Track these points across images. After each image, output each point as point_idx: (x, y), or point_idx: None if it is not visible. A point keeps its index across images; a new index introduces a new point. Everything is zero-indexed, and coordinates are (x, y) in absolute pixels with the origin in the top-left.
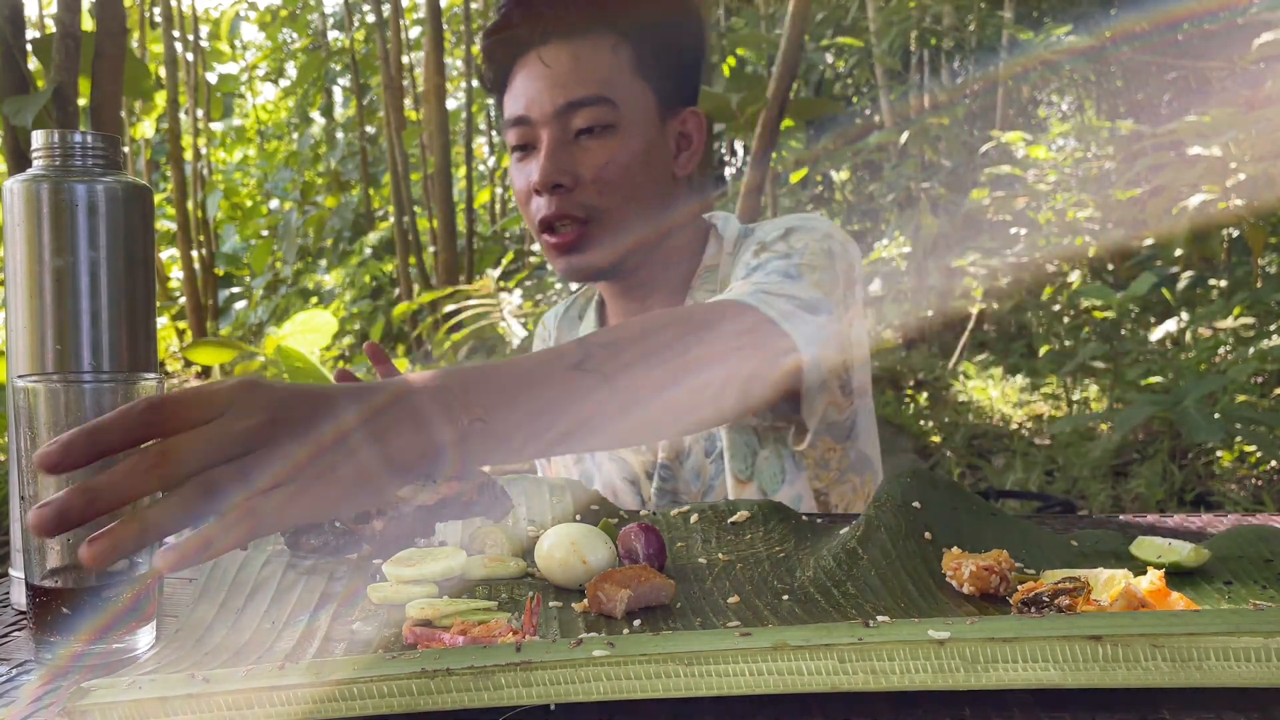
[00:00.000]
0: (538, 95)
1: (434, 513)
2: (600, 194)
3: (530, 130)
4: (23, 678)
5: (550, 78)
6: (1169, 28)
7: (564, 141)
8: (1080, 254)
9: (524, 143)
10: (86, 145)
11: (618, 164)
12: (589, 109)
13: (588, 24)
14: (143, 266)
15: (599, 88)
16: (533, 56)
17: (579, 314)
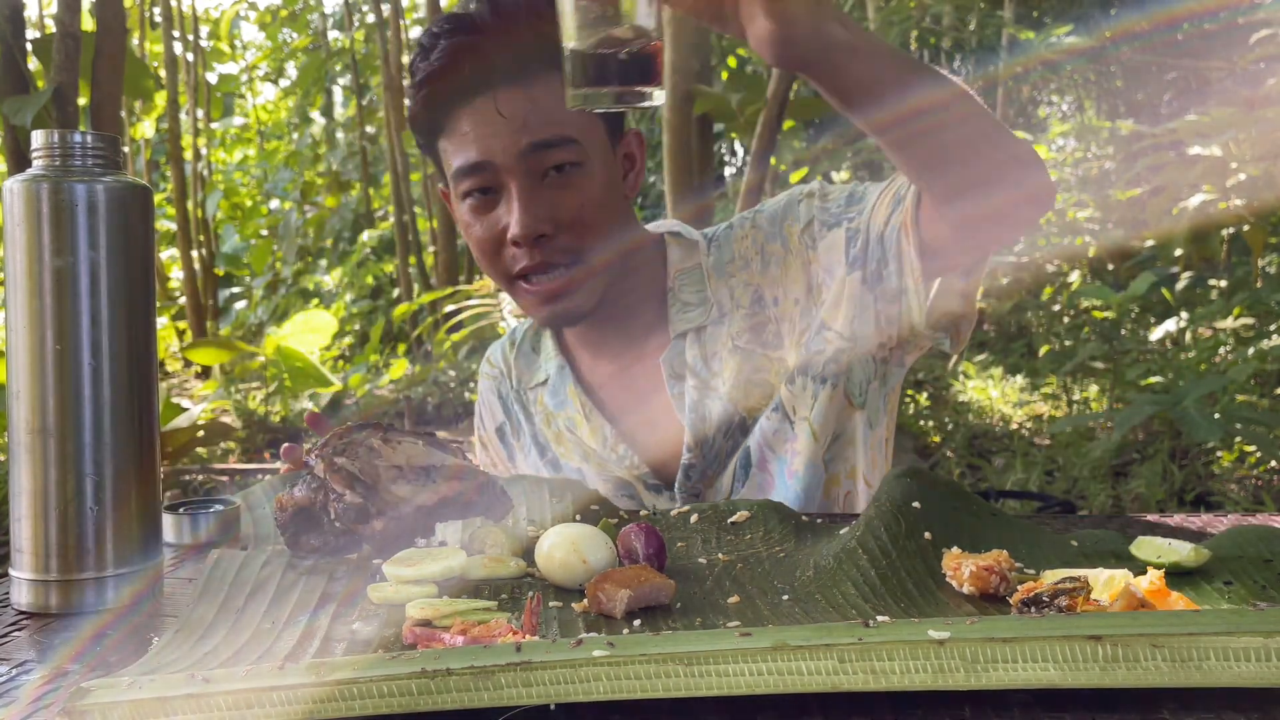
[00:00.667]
0: (496, 140)
1: (434, 513)
2: (580, 236)
3: (489, 176)
4: (23, 678)
5: (509, 123)
6: (1169, 28)
7: (534, 187)
8: (1080, 254)
9: (481, 187)
10: (86, 145)
11: (592, 202)
12: (556, 149)
13: (535, 65)
14: (143, 266)
15: (562, 127)
16: (480, 102)
17: (532, 346)
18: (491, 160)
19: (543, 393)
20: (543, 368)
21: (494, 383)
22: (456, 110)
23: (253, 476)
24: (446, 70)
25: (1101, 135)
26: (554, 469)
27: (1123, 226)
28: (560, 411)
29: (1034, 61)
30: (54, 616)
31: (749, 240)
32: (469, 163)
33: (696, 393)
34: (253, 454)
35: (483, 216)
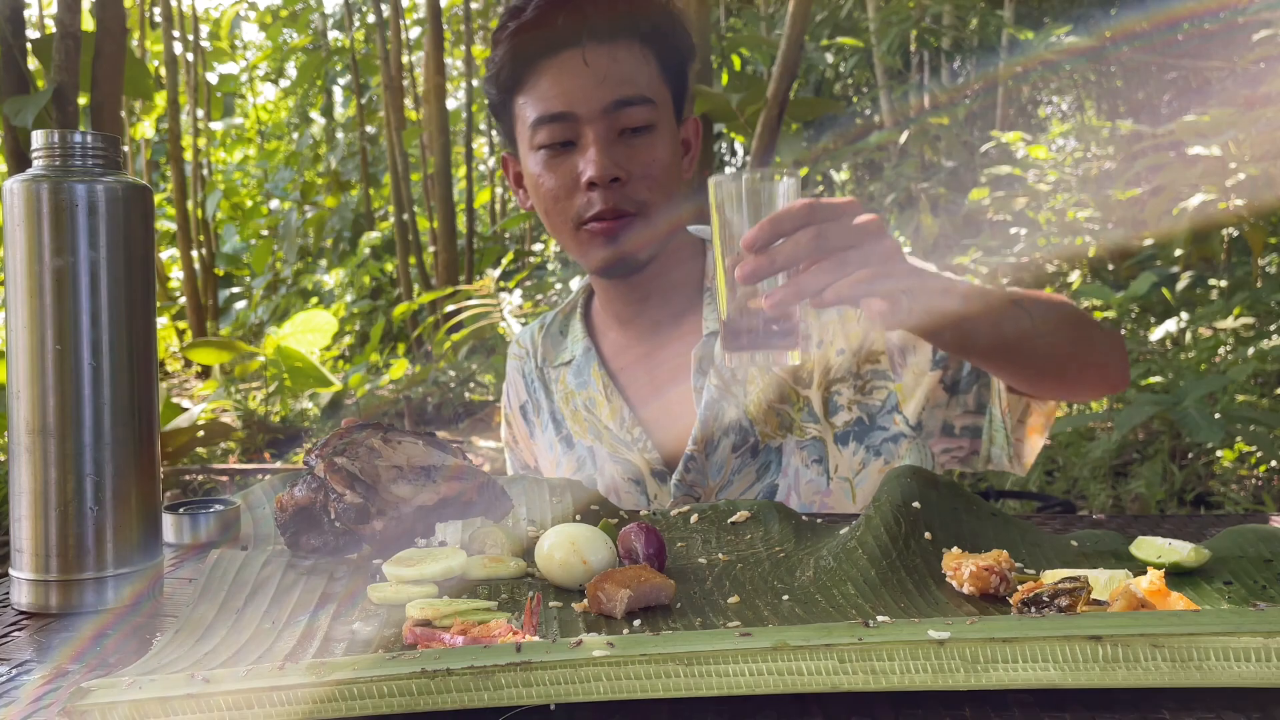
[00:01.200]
0: (582, 92)
1: (434, 513)
2: (649, 189)
3: (571, 127)
4: (23, 678)
5: (594, 76)
6: (1169, 28)
7: (612, 139)
8: (1080, 254)
9: (560, 139)
10: (86, 145)
11: (661, 162)
12: (636, 108)
13: (622, 30)
14: (143, 266)
15: (642, 88)
16: (568, 55)
17: (560, 329)
18: (573, 111)
19: (566, 372)
20: (569, 348)
21: (519, 362)
22: (542, 63)
23: (253, 476)
24: (539, 23)
25: (1101, 135)
26: (567, 445)
27: (1123, 226)
28: (581, 391)
29: (1034, 61)
30: (54, 616)
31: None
32: (550, 112)
33: (716, 391)
34: (253, 454)
35: (556, 167)
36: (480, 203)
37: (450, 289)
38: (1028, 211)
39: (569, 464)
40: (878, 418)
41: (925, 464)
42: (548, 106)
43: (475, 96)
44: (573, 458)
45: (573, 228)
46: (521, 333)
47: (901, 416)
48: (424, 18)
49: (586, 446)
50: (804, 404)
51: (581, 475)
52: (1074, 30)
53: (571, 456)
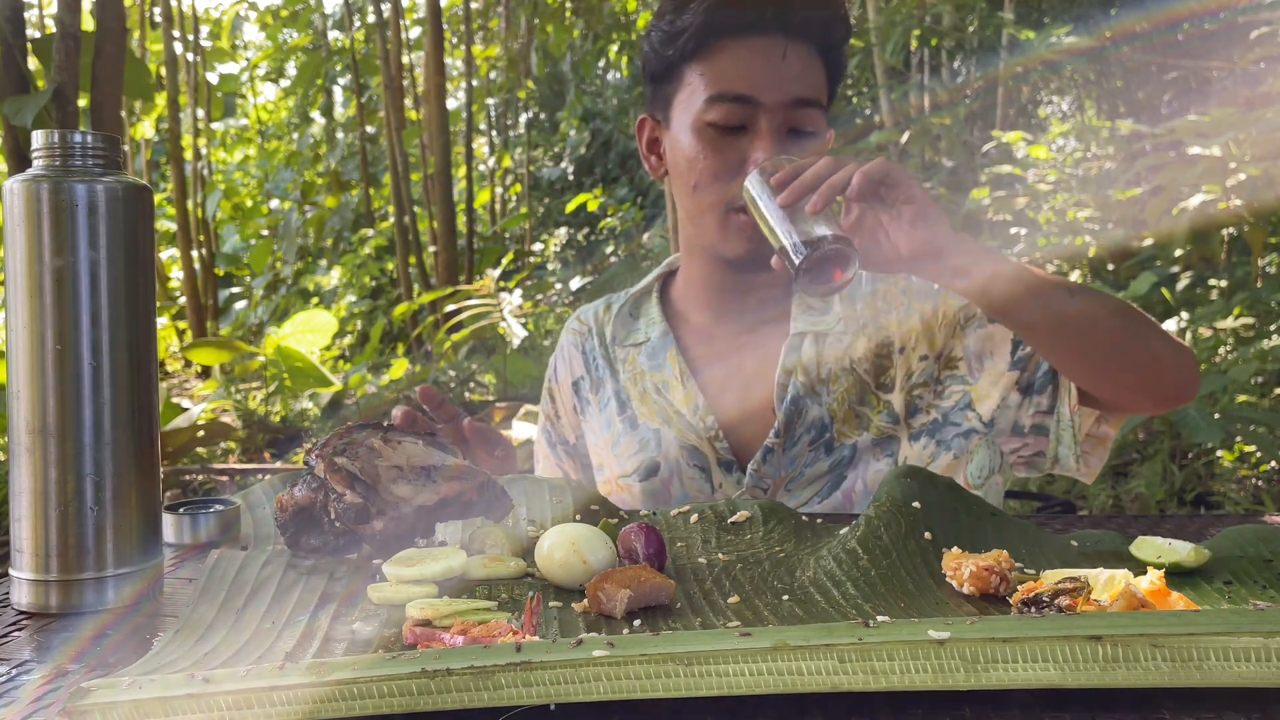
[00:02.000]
0: (772, 82)
1: (434, 513)
2: None
3: (749, 111)
4: (23, 678)
5: (787, 69)
6: (1169, 28)
7: (783, 134)
8: (1080, 254)
9: (735, 122)
10: (86, 145)
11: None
12: (811, 110)
13: (816, 32)
14: (143, 266)
15: (819, 93)
16: (766, 42)
17: (631, 312)
18: (757, 97)
19: (637, 353)
20: (643, 330)
21: (579, 339)
22: (734, 39)
23: (253, 476)
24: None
25: (1101, 135)
26: (630, 426)
27: (1123, 226)
28: (655, 373)
29: (1034, 61)
30: (54, 616)
31: (897, 288)
32: (734, 93)
33: (802, 389)
34: (253, 454)
35: (723, 148)
36: (480, 203)
37: (450, 289)
38: (1028, 211)
39: (629, 444)
40: (951, 414)
41: (994, 462)
42: (731, 86)
43: (475, 96)
44: (635, 439)
45: (722, 211)
46: (583, 310)
47: (975, 414)
48: (424, 18)
49: (653, 429)
50: (884, 407)
51: (642, 457)
52: (1074, 30)
53: (634, 438)
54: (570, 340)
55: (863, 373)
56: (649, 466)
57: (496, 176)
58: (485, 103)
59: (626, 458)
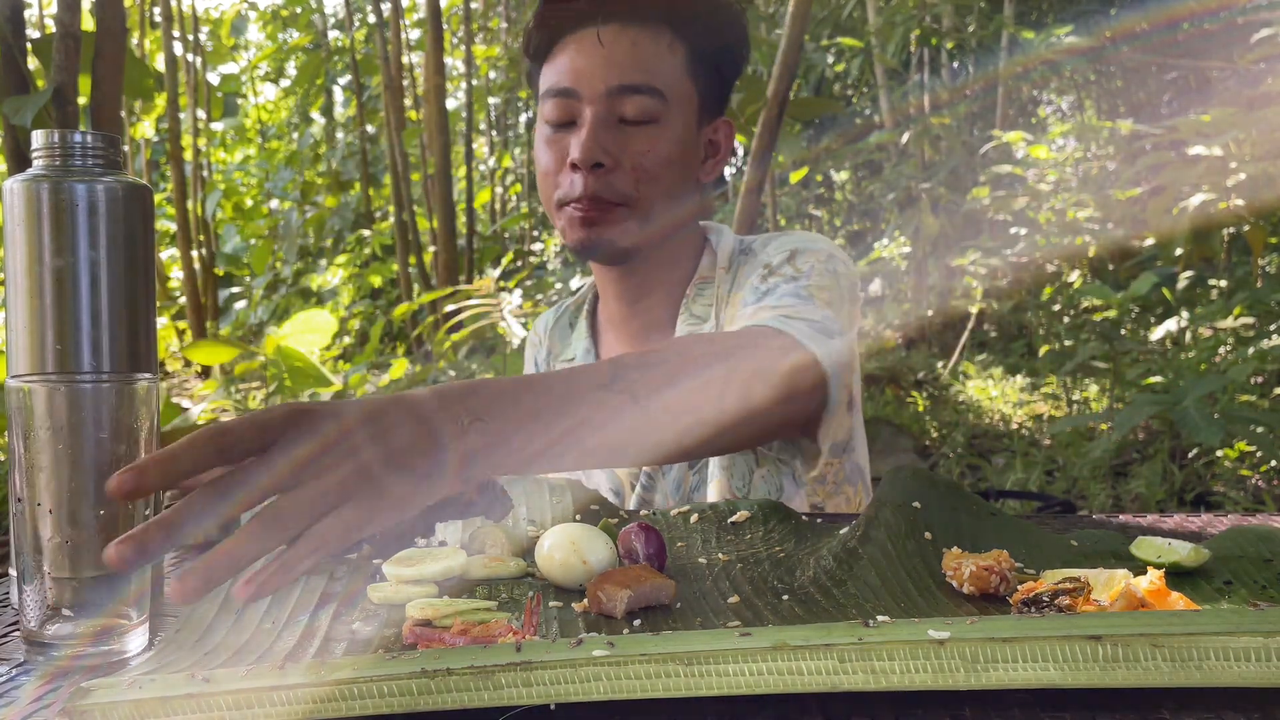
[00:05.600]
0: (589, 71)
1: (434, 513)
2: (636, 182)
3: (573, 105)
4: (22, 678)
5: (605, 57)
6: (1169, 27)
7: (608, 123)
8: (1080, 254)
9: (563, 118)
10: (86, 145)
11: (658, 156)
12: (640, 97)
13: (650, 15)
14: (143, 266)
15: (653, 78)
16: (588, 32)
17: (569, 322)
18: (577, 89)
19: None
20: (573, 345)
21: (533, 350)
22: (565, 37)
23: None
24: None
25: (1101, 135)
26: None
27: (1123, 226)
28: None
29: (1034, 61)
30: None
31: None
32: (556, 87)
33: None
34: None
35: (554, 144)
36: (480, 203)
37: (450, 289)
38: (1028, 211)
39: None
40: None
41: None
42: (556, 80)
43: (475, 96)
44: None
45: (555, 206)
46: (541, 317)
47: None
48: (424, 18)
49: None
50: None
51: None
52: (1074, 30)
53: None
54: (529, 351)
55: None
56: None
57: (496, 176)
58: (485, 103)
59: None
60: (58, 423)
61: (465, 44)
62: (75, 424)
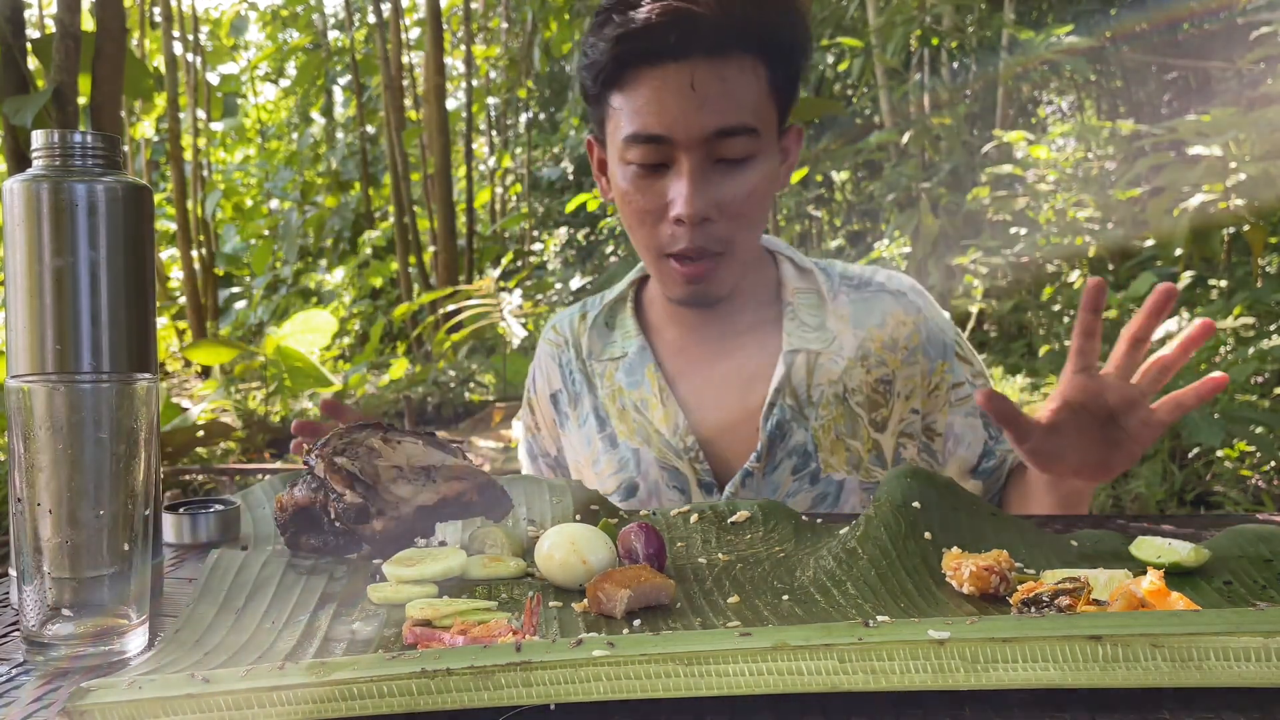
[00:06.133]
0: (683, 117)
1: (434, 513)
2: (738, 227)
3: (665, 151)
4: (23, 678)
5: (699, 100)
6: (1169, 28)
7: (707, 170)
8: (1080, 254)
9: (653, 161)
10: (86, 145)
11: (756, 195)
12: (739, 139)
13: (736, 43)
14: (143, 266)
15: (748, 116)
16: (673, 70)
17: (607, 322)
18: (671, 136)
19: (614, 368)
20: (619, 344)
21: (555, 350)
22: (644, 71)
23: (253, 476)
24: (652, 28)
25: (1101, 135)
26: (609, 444)
27: (1123, 226)
28: (633, 390)
29: (1034, 61)
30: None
31: (907, 330)
32: (646, 133)
33: (789, 413)
34: (253, 454)
35: (646, 189)
36: (480, 203)
37: (450, 289)
38: (1028, 211)
39: (609, 464)
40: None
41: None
42: (644, 125)
43: (475, 96)
44: (614, 458)
45: (655, 255)
46: (558, 318)
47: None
48: (424, 18)
49: (632, 449)
50: (874, 447)
51: (622, 476)
52: (1074, 30)
53: (614, 457)
54: (547, 351)
55: (855, 404)
56: (628, 486)
57: (496, 176)
58: (485, 103)
59: (607, 476)
60: (58, 423)
61: (465, 44)
62: (75, 424)
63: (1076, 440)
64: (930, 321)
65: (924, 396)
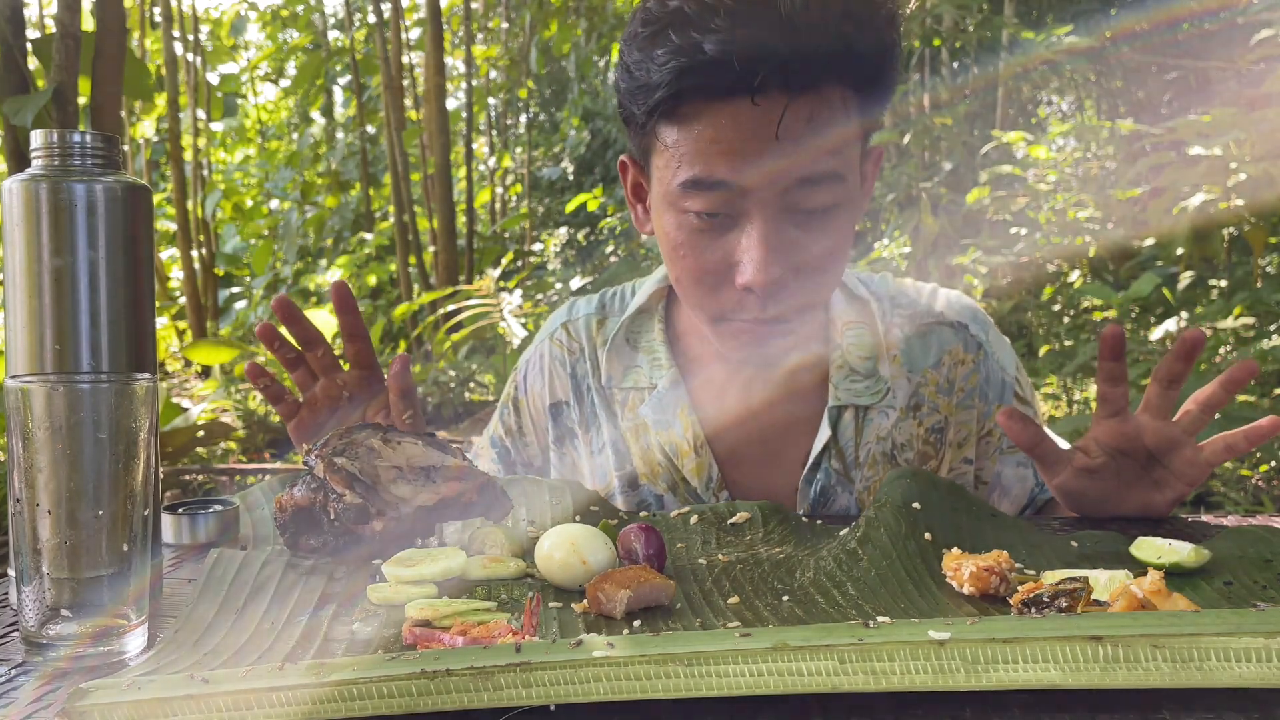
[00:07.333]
0: (760, 163)
1: (434, 513)
2: (816, 290)
3: (731, 199)
4: (22, 678)
5: (776, 144)
6: (1169, 27)
7: (782, 225)
8: (1080, 254)
9: (717, 211)
10: (86, 145)
11: (840, 250)
12: (822, 189)
13: (829, 76)
14: (143, 266)
15: (834, 161)
16: (746, 106)
17: (628, 339)
18: (741, 184)
19: (638, 399)
20: (646, 372)
21: (568, 356)
22: (712, 104)
23: (253, 476)
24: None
25: (1101, 135)
26: (628, 485)
27: (1123, 226)
28: (663, 431)
29: (1034, 61)
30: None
31: (965, 369)
32: (710, 179)
33: (835, 476)
34: (253, 454)
35: (706, 243)
36: (480, 203)
37: (450, 289)
38: (1028, 211)
39: (628, 502)
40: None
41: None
42: (708, 170)
43: (475, 97)
44: (633, 501)
45: (712, 318)
46: (572, 315)
47: None
48: (424, 18)
49: (656, 495)
50: None
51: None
52: (1074, 30)
53: (632, 500)
54: (554, 354)
55: (903, 460)
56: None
57: (496, 176)
58: (485, 103)
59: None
60: (57, 423)
61: (465, 44)
62: (75, 424)
63: (1115, 485)
64: (992, 358)
65: (976, 443)
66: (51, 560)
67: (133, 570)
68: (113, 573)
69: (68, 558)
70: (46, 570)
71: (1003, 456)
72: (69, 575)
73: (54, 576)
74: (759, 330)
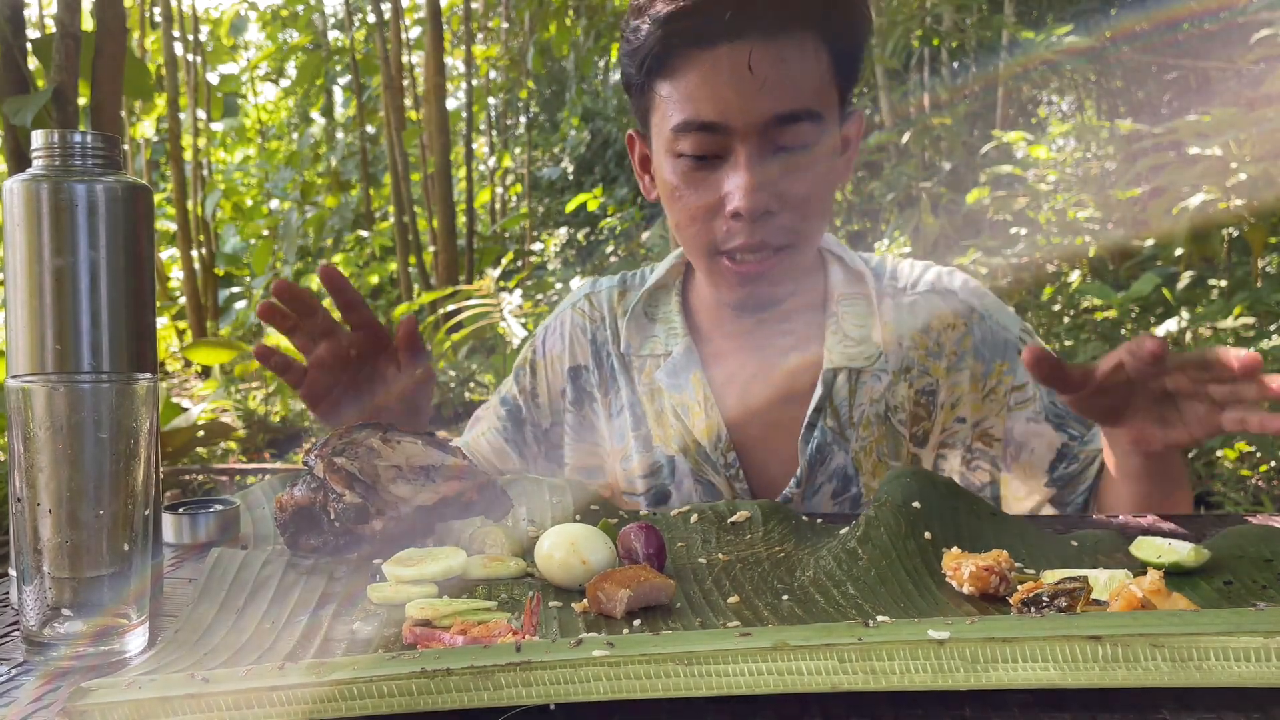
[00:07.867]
0: (739, 101)
1: (434, 513)
2: (801, 220)
3: (717, 140)
4: (23, 678)
5: (756, 83)
6: (1169, 27)
7: (766, 159)
8: (1080, 254)
9: (706, 152)
10: (86, 145)
11: (820, 185)
12: (800, 125)
13: (796, 20)
14: (143, 266)
15: (810, 100)
16: (728, 51)
17: (646, 312)
18: (726, 124)
19: (655, 366)
20: (663, 340)
21: (589, 324)
22: (695, 53)
23: (252, 476)
24: (704, 7)
25: (1101, 135)
26: (643, 446)
27: (1123, 226)
28: (676, 394)
29: (1034, 61)
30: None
31: (956, 333)
32: (698, 120)
33: (830, 435)
34: (253, 454)
35: (699, 182)
36: (480, 203)
37: (450, 289)
38: (1028, 211)
39: (641, 465)
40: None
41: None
42: (696, 111)
43: (475, 97)
44: (647, 461)
45: (707, 254)
46: (596, 287)
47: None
48: (424, 18)
49: (667, 456)
50: (912, 461)
51: (653, 482)
52: (1074, 30)
53: (646, 460)
54: (576, 321)
55: (897, 422)
56: (659, 492)
57: (496, 176)
58: (485, 103)
59: (636, 477)
60: (58, 423)
61: (465, 44)
62: (75, 424)
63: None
64: (987, 320)
65: (976, 402)
66: (52, 560)
67: (133, 570)
68: (113, 572)
69: (68, 557)
70: (47, 570)
71: (1010, 413)
72: (70, 575)
73: (55, 576)
74: (751, 265)
